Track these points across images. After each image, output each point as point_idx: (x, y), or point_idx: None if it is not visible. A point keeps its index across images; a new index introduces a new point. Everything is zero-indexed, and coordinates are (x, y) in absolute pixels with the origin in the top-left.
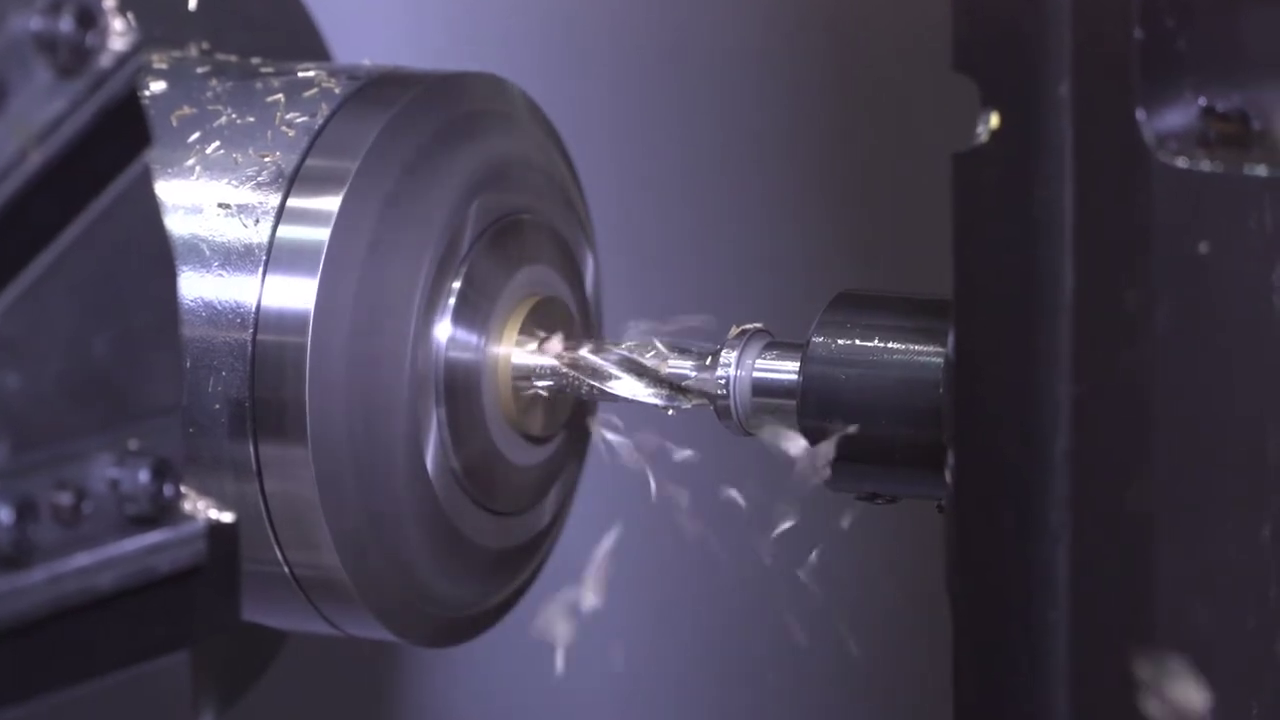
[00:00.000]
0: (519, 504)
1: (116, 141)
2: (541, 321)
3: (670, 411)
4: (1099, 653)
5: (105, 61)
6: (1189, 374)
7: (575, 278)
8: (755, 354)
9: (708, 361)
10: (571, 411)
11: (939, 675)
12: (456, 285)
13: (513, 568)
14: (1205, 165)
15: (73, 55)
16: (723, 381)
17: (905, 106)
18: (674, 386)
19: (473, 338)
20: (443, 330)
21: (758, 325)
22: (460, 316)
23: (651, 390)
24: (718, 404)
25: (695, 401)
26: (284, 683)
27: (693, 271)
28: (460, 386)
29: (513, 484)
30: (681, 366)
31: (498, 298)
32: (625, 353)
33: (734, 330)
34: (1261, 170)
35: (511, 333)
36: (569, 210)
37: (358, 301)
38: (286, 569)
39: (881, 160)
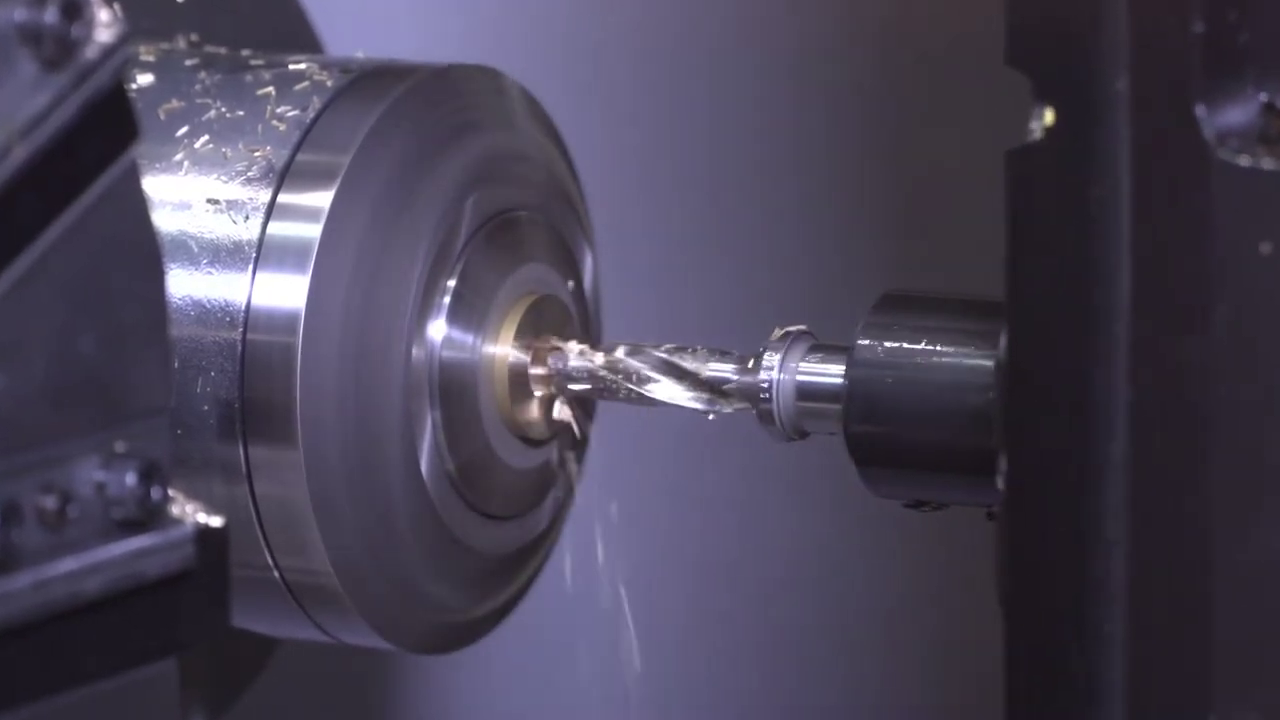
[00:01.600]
0: (516, 508)
1: (102, 136)
2: (539, 321)
3: (711, 416)
4: (1157, 666)
5: (91, 54)
6: (1248, 376)
7: (574, 276)
8: (799, 356)
9: (750, 364)
10: (570, 414)
11: (989, 689)
12: (451, 283)
13: (509, 573)
14: (1267, 163)
15: (58, 47)
16: (765, 385)
17: (927, 100)
18: (715, 390)
19: (468, 337)
20: (437, 330)
21: (801, 327)
22: (455, 316)
23: (692, 394)
24: (760, 408)
25: (737, 406)
26: (275, 691)
27: (695, 271)
28: (455, 387)
29: (509, 487)
30: (722, 369)
31: (494, 296)
32: (664, 355)
33: (776, 332)
34: None
35: (508, 332)
36: (567, 207)
37: (350, 300)
38: (277, 574)
39: (891, 158)
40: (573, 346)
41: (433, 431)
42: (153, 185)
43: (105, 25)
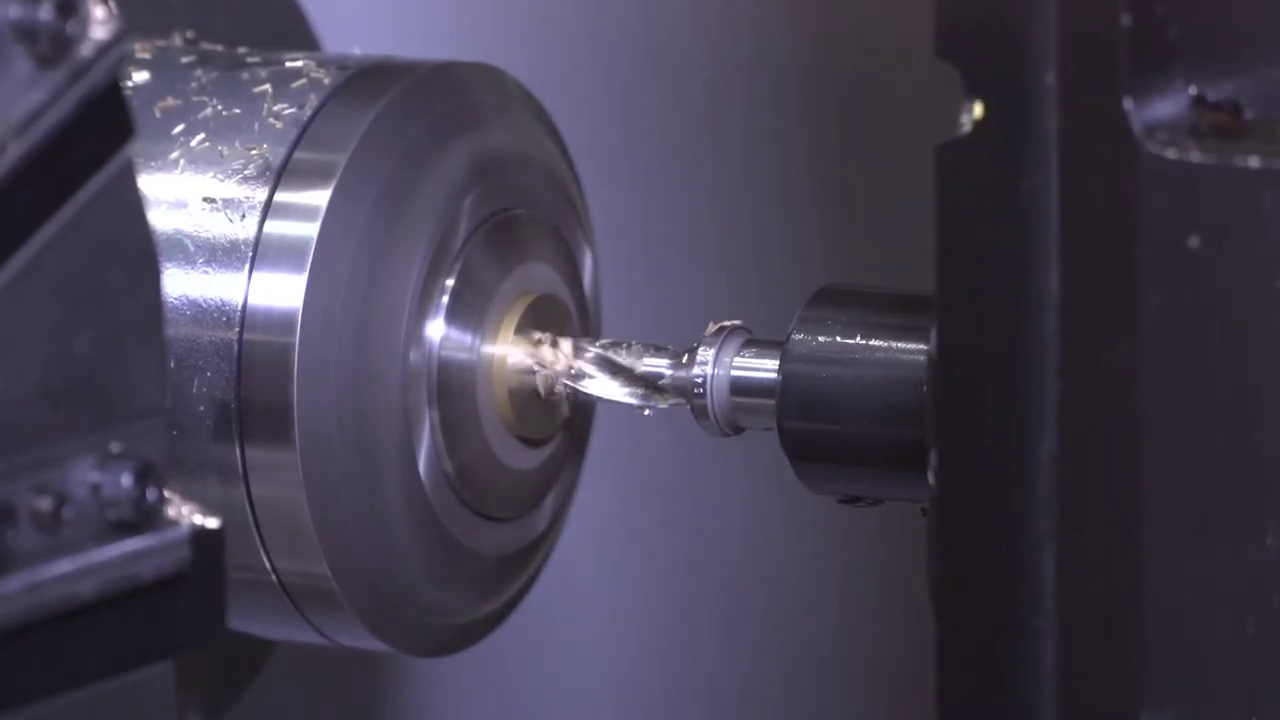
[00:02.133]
0: (515, 509)
1: (98, 134)
2: (538, 320)
3: (646, 412)
4: (1088, 663)
5: (86, 51)
6: (1178, 371)
7: (573, 275)
8: (733, 351)
9: (684, 359)
10: (570, 414)
11: (922, 684)
12: (450, 283)
13: (509, 575)
14: (1196, 156)
15: (52, 44)
16: (700, 380)
17: (905, 100)
18: (650, 385)
19: (467, 337)
20: (436, 329)
21: (736, 322)
22: (454, 315)
23: (627, 390)
24: (695, 404)
25: (671, 401)
26: (272, 695)
27: (696, 269)
28: (454, 388)
29: (509, 488)
30: (657, 364)
31: (493, 296)
32: (600, 350)
33: (711, 327)
34: (1254, 162)
35: (507, 332)
36: (567, 205)
37: (348, 300)
38: (274, 576)
39: (889, 156)
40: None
41: (431, 432)
42: (148, 184)
43: (101, 22)
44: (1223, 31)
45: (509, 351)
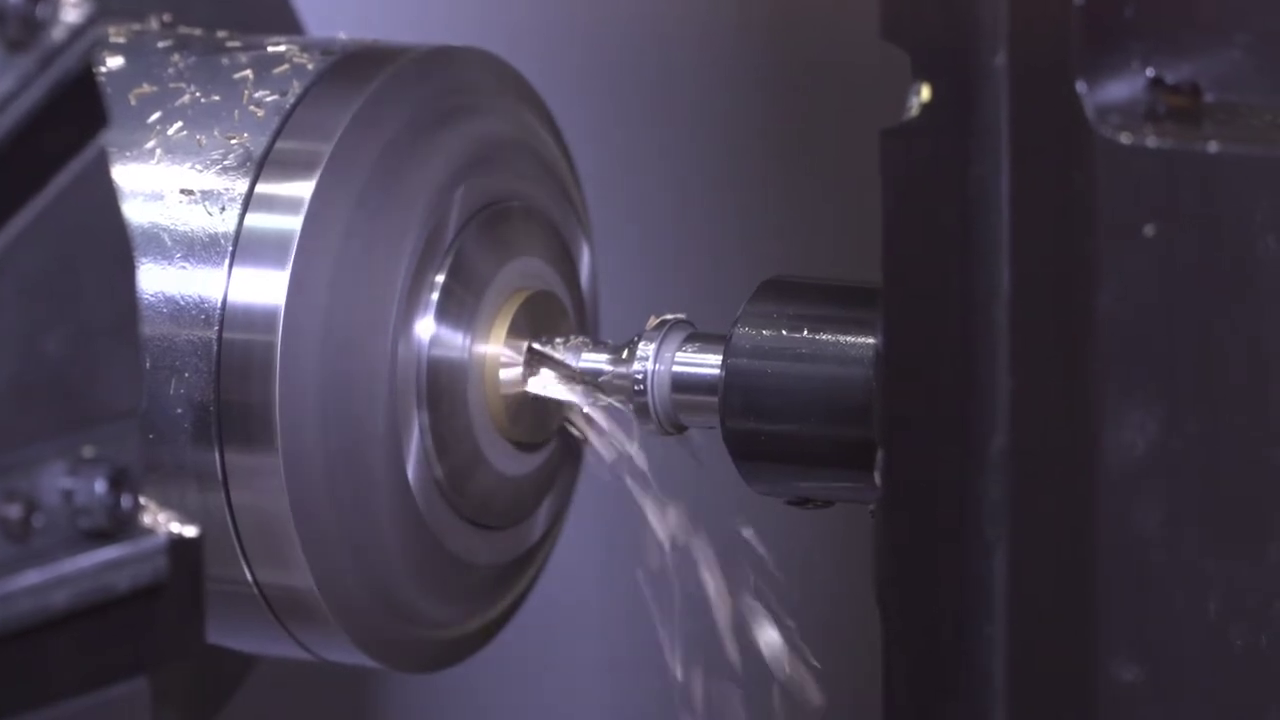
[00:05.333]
0: (508, 517)
1: (70, 122)
2: (532, 318)
3: (586, 409)
4: (1039, 671)
5: (57, 35)
6: (1132, 361)
7: (569, 270)
8: (675, 346)
9: (624, 355)
10: (565, 417)
11: (873, 689)
12: (440, 279)
13: (502, 586)
14: (1152, 141)
15: (22, 27)
16: (640, 376)
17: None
18: (589, 382)
19: (458, 336)
20: (425, 328)
21: (679, 315)
22: (444, 313)
23: (565, 386)
24: (635, 401)
25: (612, 398)
26: (251, 711)
27: (696, 267)
28: (444, 389)
29: (501, 495)
30: (596, 361)
31: (485, 292)
32: (537, 346)
33: (652, 320)
34: (1214, 147)
35: (500, 330)
36: (562, 197)
37: (332, 296)
38: (255, 588)
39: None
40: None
41: (420, 435)
42: (123, 175)
43: (73, 5)
44: (1181, 10)
45: (502, 351)
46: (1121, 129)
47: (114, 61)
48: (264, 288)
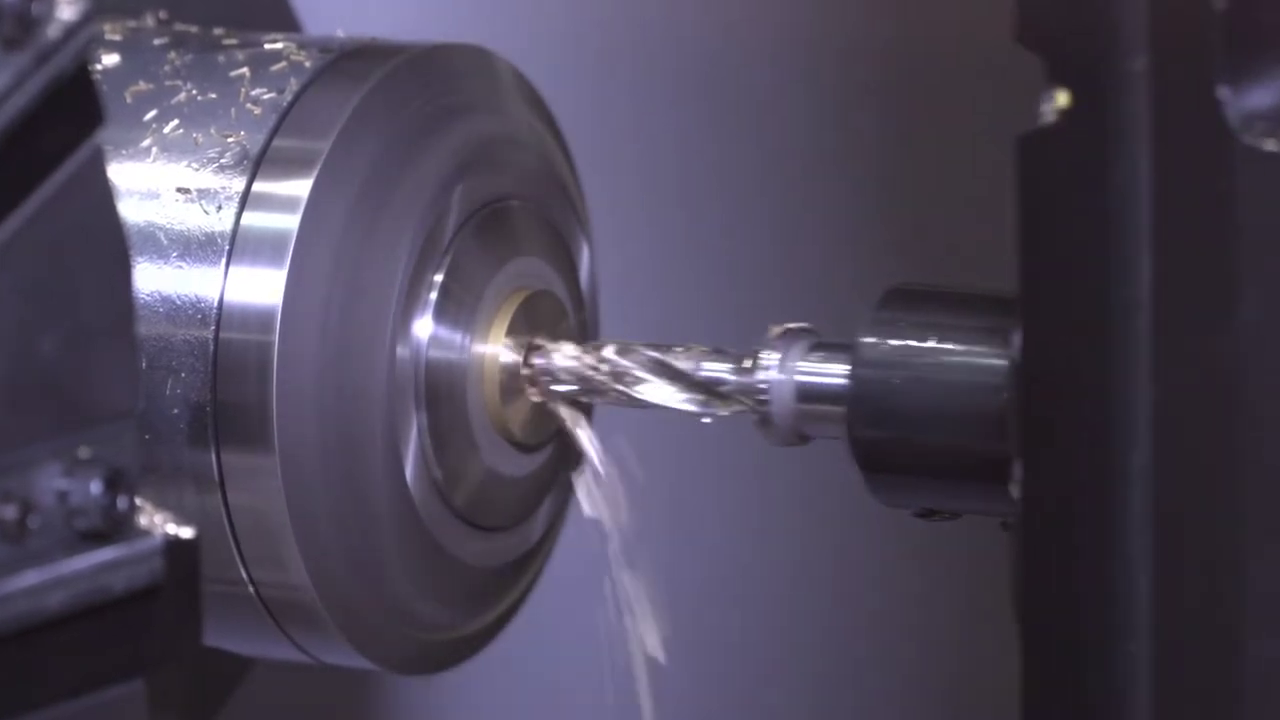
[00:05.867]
0: (507, 518)
1: (65, 120)
2: (532, 318)
3: (706, 419)
4: (1184, 690)
5: (53, 32)
6: (1278, 373)
7: (569, 270)
8: (800, 355)
9: (747, 364)
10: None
11: (1006, 703)
12: (439, 278)
13: (501, 588)
14: None
15: (16, 25)
16: (764, 386)
17: (935, 93)
18: (710, 391)
19: (456, 336)
20: (423, 328)
21: (803, 324)
22: (443, 312)
23: (685, 396)
24: (758, 411)
25: (733, 408)
26: (249, 714)
27: (697, 265)
28: (443, 389)
29: (500, 496)
30: (718, 369)
31: (484, 292)
32: (656, 354)
33: (775, 329)
34: None
35: (499, 330)
36: (562, 196)
37: (330, 296)
38: (252, 589)
39: (899, 150)
40: (564, 346)
41: (418, 437)
42: (119, 173)
43: (68, 2)
44: None
45: (501, 351)
46: (1266, 136)
47: (110, 59)
48: (261, 287)
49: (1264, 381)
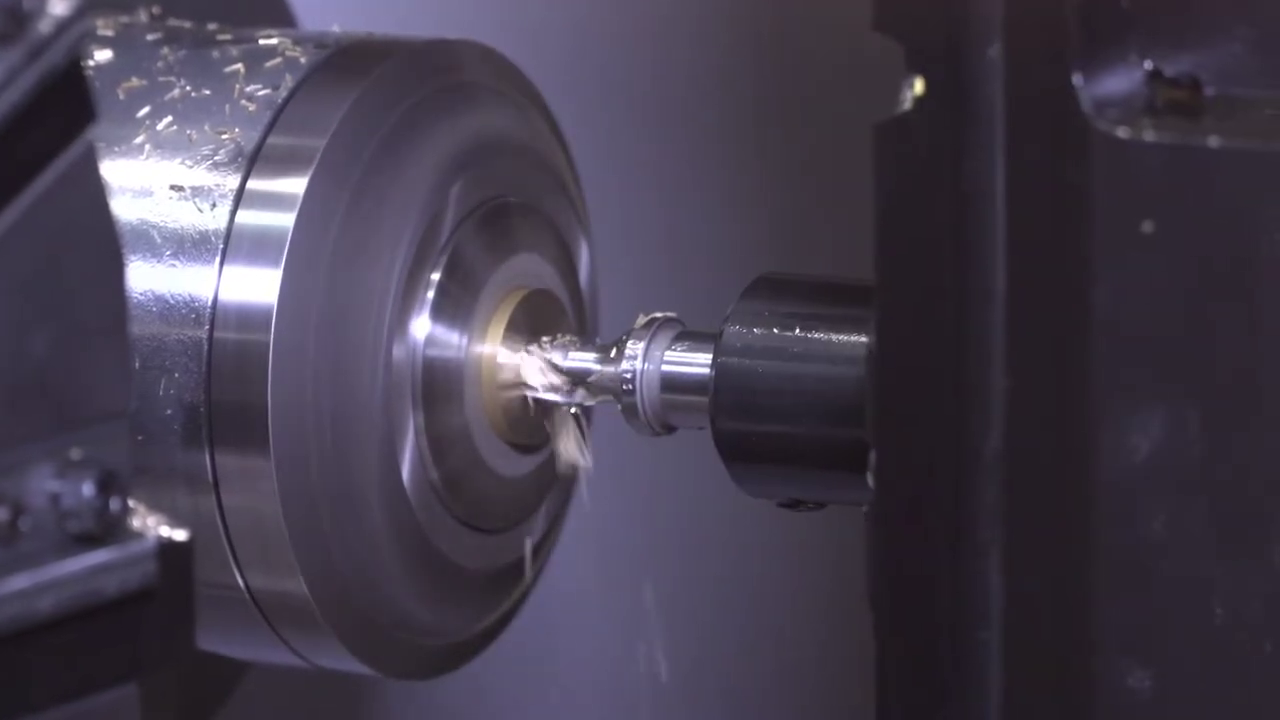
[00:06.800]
0: (506, 520)
1: (57, 116)
2: (530, 316)
3: (572, 410)
4: (1034, 676)
5: (45, 28)
6: (1130, 361)
7: (568, 268)
8: (664, 345)
9: (613, 354)
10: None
11: (864, 695)
12: (436, 277)
13: (499, 591)
14: (1150, 135)
15: (8, 20)
16: (629, 375)
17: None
18: (577, 381)
19: (454, 335)
20: (420, 327)
21: (669, 313)
22: (440, 311)
23: (553, 385)
24: (624, 401)
25: (599, 398)
26: (246, 716)
27: (697, 263)
28: (440, 389)
29: (499, 498)
30: (584, 359)
31: (482, 290)
32: (533, 348)
33: (641, 319)
34: (1214, 142)
35: (497, 329)
36: (561, 193)
37: (326, 295)
38: (246, 593)
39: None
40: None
41: (415, 437)
42: (111, 170)
43: None
44: (1180, 1)
45: (499, 350)
46: (1119, 123)
47: (102, 55)
48: (256, 286)
49: (1116, 370)
